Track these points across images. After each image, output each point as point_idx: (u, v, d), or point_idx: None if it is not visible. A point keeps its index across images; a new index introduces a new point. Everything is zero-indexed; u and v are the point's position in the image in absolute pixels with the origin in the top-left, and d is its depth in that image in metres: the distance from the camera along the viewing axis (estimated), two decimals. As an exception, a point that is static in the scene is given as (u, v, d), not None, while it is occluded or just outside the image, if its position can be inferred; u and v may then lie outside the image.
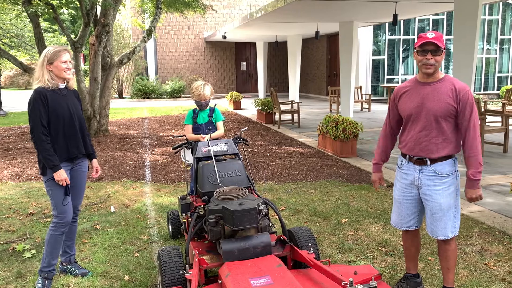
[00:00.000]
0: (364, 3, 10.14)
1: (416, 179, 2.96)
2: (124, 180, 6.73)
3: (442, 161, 2.88)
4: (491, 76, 20.41)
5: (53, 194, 3.35)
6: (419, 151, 2.90)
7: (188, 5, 13.07)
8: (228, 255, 2.90)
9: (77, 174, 3.56)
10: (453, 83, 2.80)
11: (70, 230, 3.62)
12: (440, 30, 19.49)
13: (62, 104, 3.35)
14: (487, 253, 3.91)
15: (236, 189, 3.23)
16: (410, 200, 3.05)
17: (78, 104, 3.54)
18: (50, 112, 3.28)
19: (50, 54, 3.30)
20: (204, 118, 4.44)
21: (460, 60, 8.68)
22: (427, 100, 2.83)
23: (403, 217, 3.11)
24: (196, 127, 4.44)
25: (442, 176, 2.88)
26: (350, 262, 3.80)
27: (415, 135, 2.91)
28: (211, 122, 4.46)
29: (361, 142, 9.42)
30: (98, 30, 10.47)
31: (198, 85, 4.34)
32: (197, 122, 4.45)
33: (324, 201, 5.49)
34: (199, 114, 4.47)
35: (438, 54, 2.75)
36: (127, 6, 20.66)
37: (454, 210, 2.93)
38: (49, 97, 3.28)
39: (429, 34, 2.75)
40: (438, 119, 2.81)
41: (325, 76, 22.43)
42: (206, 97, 4.33)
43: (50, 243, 3.39)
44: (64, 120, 3.34)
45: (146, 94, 22.63)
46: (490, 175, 6.56)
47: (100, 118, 10.97)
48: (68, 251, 3.67)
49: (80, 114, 3.51)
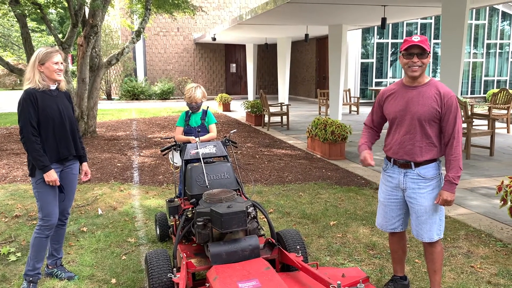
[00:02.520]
0: (353, 6, 10.20)
1: (401, 182, 2.98)
2: (112, 182, 6.67)
3: (426, 165, 2.90)
4: (478, 80, 20.65)
5: (40, 196, 3.31)
6: (403, 155, 2.92)
7: (177, 6, 13.03)
8: (216, 258, 2.89)
9: (68, 176, 3.52)
10: (438, 87, 2.82)
11: (58, 233, 3.59)
12: (428, 34, 19.68)
13: (52, 105, 3.32)
14: (473, 256, 3.94)
15: (224, 192, 3.22)
16: (395, 203, 3.07)
17: (69, 105, 3.52)
18: (40, 113, 3.25)
19: (41, 55, 3.28)
20: (197, 121, 4.43)
21: (448, 64, 8.77)
22: (411, 104, 2.85)
23: (388, 219, 3.12)
24: (188, 129, 4.42)
25: (426, 179, 2.90)
26: (338, 264, 3.81)
27: (400, 139, 2.93)
28: (204, 125, 4.45)
29: (350, 145, 9.46)
30: (87, 31, 10.39)
31: (190, 88, 4.33)
32: (190, 125, 4.43)
33: (312, 204, 5.50)
34: (192, 117, 4.45)
35: (424, 57, 2.78)
36: (116, 6, 20.51)
37: (439, 213, 2.95)
38: (39, 97, 3.25)
39: (415, 37, 2.77)
40: (422, 123, 2.83)
41: (314, 78, 22.51)
42: (197, 100, 4.32)
43: (34, 246, 3.34)
44: (54, 121, 3.31)
45: (135, 95, 22.49)
46: (476, 178, 6.63)
47: (88, 120, 10.88)
48: (55, 254, 3.62)
49: (71, 115, 3.48)
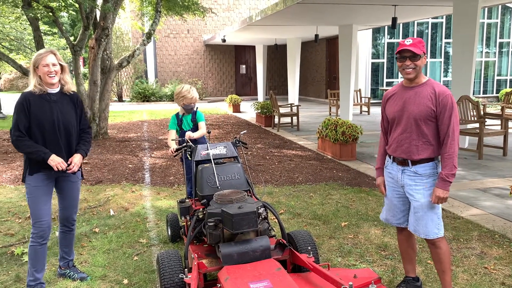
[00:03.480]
0: (363, 6, 10.16)
1: (399, 178, 3.06)
2: (124, 183, 6.72)
3: (423, 163, 2.96)
4: (490, 79, 20.44)
5: (31, 201, 3.24)
6: (401, 153, 3.01)
7: (187, 8, 13.07)
8: (227, 258, 2.89)
9: (66, 184, 3.44)
10: (434, 87, 2.89)
11: (66, 239, 3.58)
12: (439, 33, 19.53)
13: (46, 110, 3.21)
14: (487, 257, 3.90)
15: (235, 193, 3.22)
16: (398, 198, 3.13)
17: (71, 110, 3.37)
18: (31, 119, 3.18)
19: (34, 58, 3.21)
20: (189, 124, 4.43)
21: (459, 64, 8.69)
22: (408, 104, 2.94)
23: (394, 214, 3.18)
24: (183, 133, 4.38)
25: (422, 177, 2.96)
26: (349, 265, 3.79)
27: (397, 137, 3.02)
28: (196, 126, 4.44)
29: (361, 145, 9.42)
30: (98, 33, 10.48)
31: (187, 89, 4.32)
32: (183, 129, 4.43)
33: (323, 205, 5.48)
34: (184, 120, 4.45)
35: (416, 59, 2.86)
36: (126, 9, 20.67)
37: (437, 211, 2.97)
38: (32, 102, 3.18)
39: (407, 41, 2.88)
40: (418, 122, 2.91)
41: (325, 79, 22.45)
42: (196, 99, 4.35)
43: (30, 255, 3.29)
44: (45, 128, 3.21)
45: (146, 97, 22.63)
46: (489, 178, 6.55)
47: (99, 121, 10.96)
48: (66, 257, 3.64)
49: (68, 121, 3.32)
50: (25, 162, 3.29)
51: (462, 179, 6.57)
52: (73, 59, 10.61)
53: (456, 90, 8.76)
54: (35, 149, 3.16)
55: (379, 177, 3.29)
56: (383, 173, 3.28)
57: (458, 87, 8.77)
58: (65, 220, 3.53)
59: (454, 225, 4.67)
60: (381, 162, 3.28)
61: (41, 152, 3.17)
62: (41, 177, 3.27)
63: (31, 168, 3.26)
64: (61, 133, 3.29)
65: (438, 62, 19.85)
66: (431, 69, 19.79)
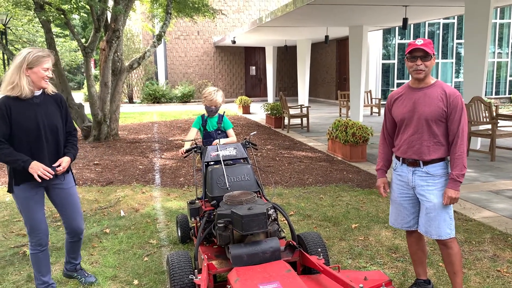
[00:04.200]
0: (373, 7, 10.11)
1: (410, 180, 3.03)
2: (134, 184, 6.76)
3: (435, 163, 2.94)
4: (503, 80, 20.22)
5: (23, 212, 3.10)
6: (412, 154, 2.99)
7: (197, 10, 13.13)
8: (237, 260, 2.89)
9: (59, 192, 3.24)
10: (444, 88, 2.89)
11: (74, 246, 3.46)
12: (451, 34, 19.37)
13: (30, 115, 2.99)
14: (499, 259, 3.85)
15: (245, 194, 3.22)
16: (408, 201, 3.10)
17: (56, 111, 3.14)
18: (13, 125, 2.94)
19: (31, 58, 2.94)
20: (214, 126, 4.42)
21: (471, 64, 8.61)
22: (418, 105, 2.94)
23: (403, 217, 3.15)
24: (206, 133, 4.43)
25: (434, 177, 2.94)
26: (360, 267, 3.77)
27: (408, 138, 3.00)
28: (220, 129, 4.44)
29: (371, 147, 9.37)
30: (109, 35, 10.56)
31: (211, 91, 4.33)
32: (207, 129, 4.43)
33: (334, 206, 5.46)
34: (208, 121, 4.45)
35: (427, 60, 2.85)
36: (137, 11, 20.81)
37: (449, 211, 2.95)
38: (13, 108, 2.94)
39: (418, 41, 2.87)
40: (429, 122, 2.90)
41: (335, 80, 22.38)
42: (218, 103, 4.32)
43: (32, 262, 3.22)
44: (29, 134, 2.98)
45: (156, 98, 22.75)
46: (502, 180, 6.48)
47: (110, 123, 11.04)
48: (72, 261, 3.54)
49: (54, 124, 3.10)
50: (10, 171, 3.07)
51: (474, 180, 6.50)
52: (85, 61, 10.71)
53: (468, 91, 8.68)
54: (14, 158, 2.92)
55: (380, 178, 3.27)
56: (384, 175, 3.26)
57: (470, 88, 8.68)
58: (73, 231, 3.37)
59: (466, 228, 4.62)
60: (383, 163, 3.26)
61: (19, 160, 2.92)
62: (30, 186, 3.07)
63: (16, 178, 3.05)
64: (47, 137, 3.07)
65: (450, 63, 19.68)
66: (443, 70, 19.64)
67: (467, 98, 8.56)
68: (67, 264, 3.56)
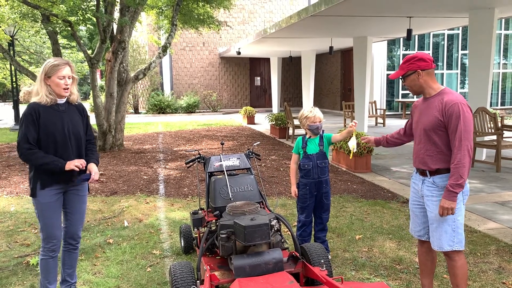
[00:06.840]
0: (378, 18, 10.15)
1: (420, 189, 3.08)
2: (138, 194, 6.76)
3: (441, 174, 2.94)
4: (508, 91, 20.15)
5: (41, 217, 3.18)
6: (418, 164, 3.06)
7: (203, 21, 13.24)
8: (240, 271, 2.88)
9: (73, 198, 3.33)
10: (443, 96, 2.89)
11: (70, 258, 3.44)
12: (455, 45, 19.38)
13: (56, 121, 3.12)
14: (505, 272, 3.81)
15: (248, 204, 3.22)
16: (419, 209, 3.13)
17: (79, 120, 3.29)
18: (41, 130, 3.07)
19: (48, 67, 3.08)
20: (315, 148, 4.04)
21: (476, 75, 8.60)
22: (421, 115, 3.02)
23: (415, 225, 3.20)
24: (306, 157, 4.03)
25: (439, 188, 2.94)
26: (363, 279, 3.74)
27: (416, 148, 3.11)
28: (322, 152, 4.05)
29: (376, 157, 9.34)
30: (115, 47, 10.65)
31: (309, 110, 4.08)
32: (307, 152, 4.03)
33: (338, 217, 5.43)
34: (309, 143, 4.08)
35: (406, 80, 3.00)
36: (143, 22, 21.00)
37: (451, 223, 2.89)
38: (41, 113, 3.07)
39: None
40: (427, 132, 2.95)
41: (339, 91, 22.40)
42: (320, 118, 4.05)
43: (41, 268, 3.26)
44: (56, 140, 3.12)
45: (161, 109, 22.85)
46: (507, 192, 6.43)
47: (115, 133, 11.09)
48: (68, 280, 3.47)
49: (78, 131, 3.26)
50: (35, 175, 3.18)
51: (479, 192, 6.46)
52: (91, 71, 10.79)
53: (473, 102, 8.66)
54: (51, 160, 3.06)
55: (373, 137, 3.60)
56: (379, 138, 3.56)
57: (475, 99, 8.66)
58: (70, 237, 3.39)
59: (471, 239, 4.58)
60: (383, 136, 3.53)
61: (57, 162, 3.08)
62: (53, 191, 3.19)
63: (43, 182, 3.16)
64: (72, 143, 3.21)
65: (455, 73, 19.66)
66: (448, 80, 19.61)
67: (472, 109, 8.52)
68: (62, 284, 3.49)
